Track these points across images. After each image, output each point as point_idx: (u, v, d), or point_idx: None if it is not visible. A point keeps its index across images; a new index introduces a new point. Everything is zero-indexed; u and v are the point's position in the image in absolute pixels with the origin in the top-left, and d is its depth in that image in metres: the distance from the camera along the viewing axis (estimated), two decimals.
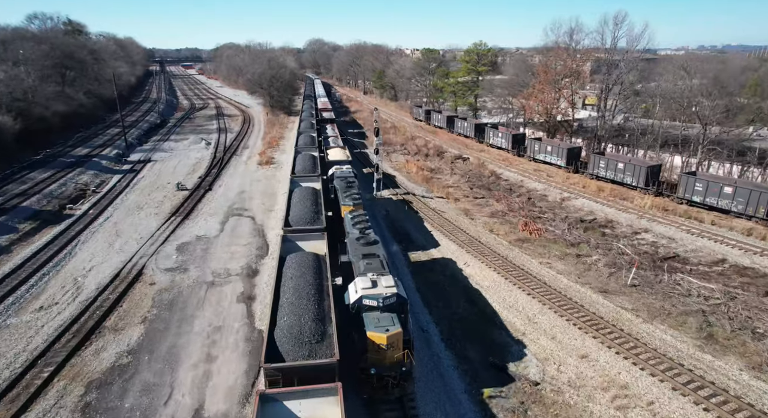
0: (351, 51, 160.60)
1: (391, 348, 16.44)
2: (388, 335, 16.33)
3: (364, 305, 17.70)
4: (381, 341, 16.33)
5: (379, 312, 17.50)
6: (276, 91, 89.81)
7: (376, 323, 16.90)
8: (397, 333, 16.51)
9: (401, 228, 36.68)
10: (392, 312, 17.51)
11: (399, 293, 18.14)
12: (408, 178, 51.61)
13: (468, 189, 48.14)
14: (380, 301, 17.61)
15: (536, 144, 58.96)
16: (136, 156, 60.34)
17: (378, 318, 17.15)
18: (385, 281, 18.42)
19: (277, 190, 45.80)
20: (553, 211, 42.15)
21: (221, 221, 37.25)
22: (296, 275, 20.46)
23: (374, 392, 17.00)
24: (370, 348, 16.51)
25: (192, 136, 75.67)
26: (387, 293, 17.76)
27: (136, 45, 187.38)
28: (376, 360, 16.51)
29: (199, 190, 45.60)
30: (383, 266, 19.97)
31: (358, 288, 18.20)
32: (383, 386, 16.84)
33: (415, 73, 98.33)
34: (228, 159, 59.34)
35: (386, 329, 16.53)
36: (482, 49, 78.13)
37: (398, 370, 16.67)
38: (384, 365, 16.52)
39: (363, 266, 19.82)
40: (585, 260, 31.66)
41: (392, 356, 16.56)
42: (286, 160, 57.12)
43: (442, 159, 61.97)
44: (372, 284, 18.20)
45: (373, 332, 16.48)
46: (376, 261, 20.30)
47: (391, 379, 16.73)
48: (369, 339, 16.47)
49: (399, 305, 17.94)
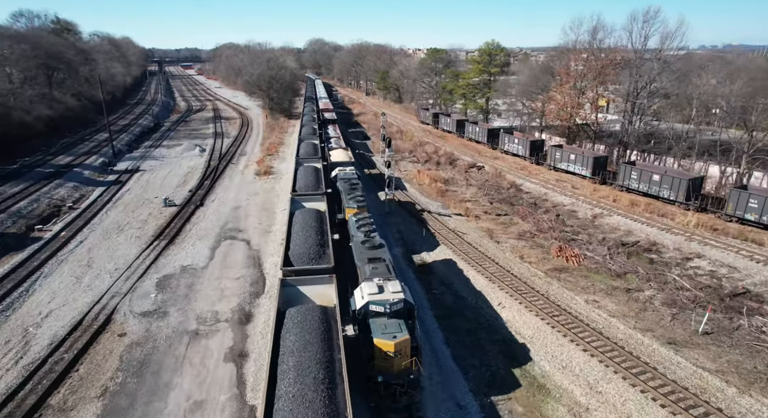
0: (353, 51, 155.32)
1: (398, 355, 16.03)
2: (395, 342, 15.90)
3: (370, 311, 17.20)
4: (388, 348, 15.92)
5: (386, 318, 17.05)
6: (275, 93, 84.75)
7: (383, 329, 16.51)
8: (404, 340, 16.10)
9: (419, 257, 31.59)
10: (399, 318, 17.12)
11: (406, 298, 17.64)
12: (421, 191, 46.49)
13: (488, 204, 43.08)
14: (387, 307, 17.13)
15: (557, 152, 53.89)
16: (124, 165, 55.23)
17: (385, 324, 16.74)
18: (392, 286, 17.94)
19: (276, 205, 40.73)
20: (587, 230, 37.12)
21: (211, 246, 32.18)
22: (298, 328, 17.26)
23: (381, 400, 16.47)
24: (377, 355, 16.11)
25: (186, 141, 70.58)
26: (394, 299, 17.29)
27: (132, 45, 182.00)
28: (383, 368, 16.12)
29: (189, 205, 40.53)
30: (389, 271, 19.49)
31: (364, 293, 17.62)
32: (391, 394, 16.37)
33: (422, 74, 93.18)
34: (223, 168, 54.28)
35: (394, 336, 16.14)
36: (494, 48, 72.99)
37: (406, 378, 16.25)
38: (392, 372, 16.11)
39: (369, 271, 19.30)
40: (637, 296, 26.63)
41: (400, 363, 16.14)
42: (285, 170, 52.07)
43: (455, 168, 56.90)
44: (378, 290, 17.74)
45: (381, 339, 16.08)
46: (382, 265, 19.83)
47: (398, 387, 16.30)
48: (376, 346, 16.07)
49: (406, 311, 17.46)
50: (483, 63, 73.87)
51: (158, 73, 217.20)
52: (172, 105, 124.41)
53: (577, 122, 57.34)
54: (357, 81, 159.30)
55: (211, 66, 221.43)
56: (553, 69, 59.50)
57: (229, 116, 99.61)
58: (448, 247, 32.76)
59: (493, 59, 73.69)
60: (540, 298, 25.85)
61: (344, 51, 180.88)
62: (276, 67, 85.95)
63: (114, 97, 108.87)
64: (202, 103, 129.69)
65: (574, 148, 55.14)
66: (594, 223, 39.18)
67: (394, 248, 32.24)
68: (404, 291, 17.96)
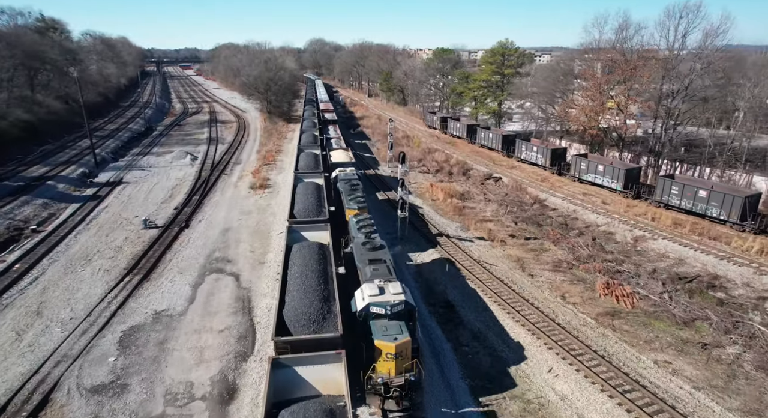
0: (354, 51, 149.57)
1: (399, 357, 15.86)
2: (396, 344, 15.73)
3: (371, 313, 17.01)
4: (389, 349, 15.75)
5: (386, 320, 16.91)
6: (274, 96, 79.20)
7: (384, 331, 16.32)
8: (405, 342, 15.97)
9: (443, 299, 26.11)
10: (400, 320, 16.97)
11: (407, 300, 17.49)
12: (435, 209, 41.02)
13: (512, 225, 37.64)
14: (388, 308, 16.97)
15: (582, 162, 48.44)
16: (106, 176, 49.76)
17: (386, 326, 16.58)
18: (393, 287, 17.81)
19: (271, 227, 35.32)
20: (631, 258, 31.73)
21: (194, 283, 26.76)
22: None
23: (382, 402, 16.05)
24: (377, 357, 15.94)
25: (177, 148, 65.11)
26: (395, 301, 17.16)
27: (128, 44, 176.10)
28: (383, 369, 15.89)
29: (173, 227, 35.11)
30: (390, 272, 19.35)
31: (365, 295, 17.47)
32: (391, 396, 15.95)
33: (428, 75, 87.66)
34: (215, 180, 48.82)
35: (395, 338, 15.97)
36: (508, 48, 67.37)
37: (407, 380, 15.88)
38: (392, 374, 15.83)
39: (369, 272, 19.14)
40: (719, 355, 21.22)
41: (401, 365, 15.95)
42: (283, 183, 46.64)
43: (470, 179, 51.46)
44: (379, 291, 17.60)
45: (382, 341, 15.90)
46: (383, 267, 19.66)
47: (399, 389, 15.90)
48: (377, 348, 15.91)
49: (407, 313, 17.34)
50: (495, 64, 68.29)
51: (157, 73, 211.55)
52: (167, 107, 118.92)
53: (600, 128, 51.80)
54: (359, 82, 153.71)
55: (209, 66, 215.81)
56: (575, 71, 54.01)
57: (225, 120, 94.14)
58: (475, 284, 27.32)
59: (506, 60, 68.16)
60: (598, 359, 20.42)
61: (345, 51, 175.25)
62: (274, 68, 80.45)
63: (107, 99, 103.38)
64: (198, 105, 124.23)
65: (601, 158, 49.69)
66: (636, 248, 33.75)
67: (413, 288, 26.79)
68: (405, 292, 17.77)
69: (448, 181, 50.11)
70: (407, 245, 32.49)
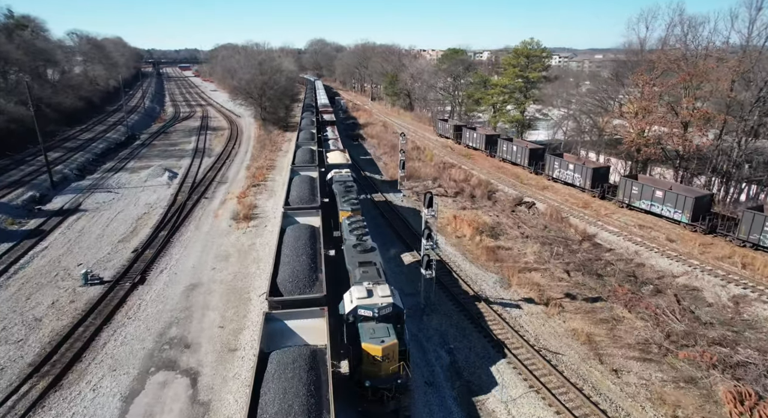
0: (357, 52, 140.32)
1: (386, 360, 15.67)
2: (383, 347, 15.55)
3: (359, 315, 16.79)
4: (376, 352, 15.55)
5: (374, 322, 16.66)
6: (268, 101, 70.23)
7: (372, 334, 16.12)
8: (392, 344, 15.79)
9: None
10: (388, 322, 16.73)
11: (395, 302, 17.17)
12: (463, 251, 32.07)
13: (564, 274, 28.77)
14: (376, 311, 16.71)
15: (634, 185, 39.56)
16: (62, 201, 40.94)
17: (373, 329, 16.36)
18: (381, 290, 17.48)
19: (253, 282, 26.50)
20: (741, 332, 22.89)
21: (127, 392, 17.91)
22: None
23: (369, 405, 15.92)
24: (365, 360, 15.77)
25: (158, 161, 56.38)
26: (383, 303, 16.88)
27: (122, 45, 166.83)
28: (371, 372, 15.75)
29: (123, 283, 26.31)
30: (379, 275, 19.05)
31: (353, 298, 17.24)
32: (378, 398, 15.85)
33: (438, 78, 78.66)
34: (192, 206, 40.02)
35: (381, 341, 15.75)
36: (534, 48, 58.25)
37: (393, 382, 15.84)
38: (379, 377, 15.74)
39: (359, 275, 18.92)
40: None
41: (388, 367, 15.75)
42: (272, 211, 37.82)
43: (496, 203, 42.62)
44: (368, 294, 17.31)
45: (368, 344, 15.72)
46: (373, 269, 19.36)
47: (386, 391, 15.81)
48: (364, 351, 15.70)
49: (395, 316, 17.01)
50: (519, 66, 59.21)
51: (154, 75, 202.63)
52: (157, 111, 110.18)
53: (658, 144, 42.74)
54: (361, 84, 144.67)
55: (207, 68, 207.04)
56: (621, 75, 45.08)
57: (217, 127, 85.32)
58: (537, 391, 18.44)
59: (531, 62, 59.16)
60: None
61: (347, 52, 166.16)
62: (270, 70, 71.48)
63: (90, 104, 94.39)
64: (192, 109, 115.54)
65: (658, 181, 40.80)
66: (741, 315, 24.85)
67: (448, 399, 17.91)
68: (393, 295, 17.46)
69: (471, 207, 41.22)
70: (434, 318, 23.57)
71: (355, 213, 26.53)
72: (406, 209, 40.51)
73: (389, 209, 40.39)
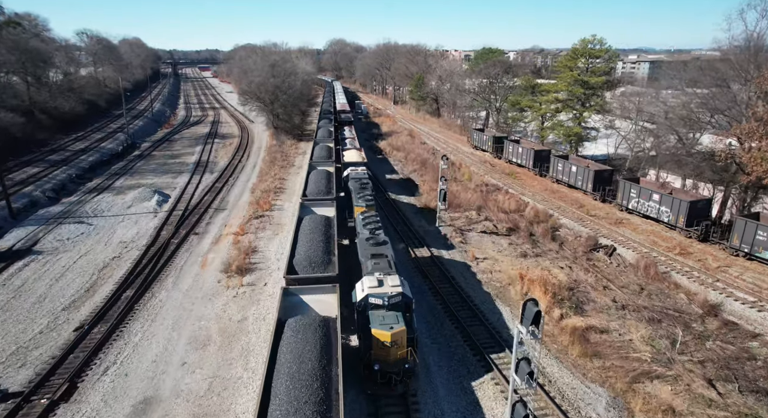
0: (378, 52, 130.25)
1: (395, 345, 16.05)
2: (392, 333, 15.95)
3: (370, 304, 17.21)
4: (385, 338, 15.98)
5: (384, 310, 17.06)
6: (281, 107, 60.94)
7: (381, 321, 16.55)
8: (401, 331, 16.16)
9: None
10: (397, 310, 17.08)
11: (404, 292, 17.56)
12: (557, 355, 21.78)
13: (705, 384, 18.59)
14: (386, 299, 17.16)
15: (760, 230, 28.96)
16: (15, 236, 32.16)
17: (383, 316, 16.78)
18: (391, 280, 17.92)
19: (236, 403, 16.98)
20: None
21: None
22: None
23: (378, 388, 16.50)
24: (374, 345, 16.16)
25: (150, 178, 47.81)
26: (392, 292, 17.30)
27: (137, 45, 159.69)
28: (380, 357, 16.17)
29: (38, 399, 17.08)
30: (390, 266, 19.43)
31: (364, 287, 17.74)
32: (386, 382, 16.39)
33: (472, 81, 68.33)
34: (178, 246, 30.88)
35: (390, 327, 16.16)
36: (596, 48, 47.28)
37: (401, 367, 16.31)
38: (388, 361, 16.19)
39: (371, 266, 19.32)
40: None
41: (396, 353, 16.17)
42: (275, 257, 28.34)
43: (562, 246, 32.52)
44: (378, 283, 17.75)
45: (378, 330, 16.15)
46: (384, 261, 19.71)
47: (394, 375, 16.34)
48: (373, 336, 16.13)
49: (404, 304, 17.37)
50: (578, 70, 48.47)
51: (167, 76, 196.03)
52: (167, 115, 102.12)
53: None
54: (383, 87, 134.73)
55: (225, 68, 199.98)
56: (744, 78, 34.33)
57: (226, 134, 76.64)
58: None
59: (591, 64, 48.47)
60: None
61: (368, 52, 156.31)
62: (283, 73, 62.13)
63: (93, 108, 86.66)
64: (204, 112, 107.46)
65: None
66: None
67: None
68: (403, 285, 17.89)
69: (533, 253, 31.12)
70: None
71: (369, 209, 27.19)
72: (456, 264, 29.68)
73: (433, 265, 29.12)
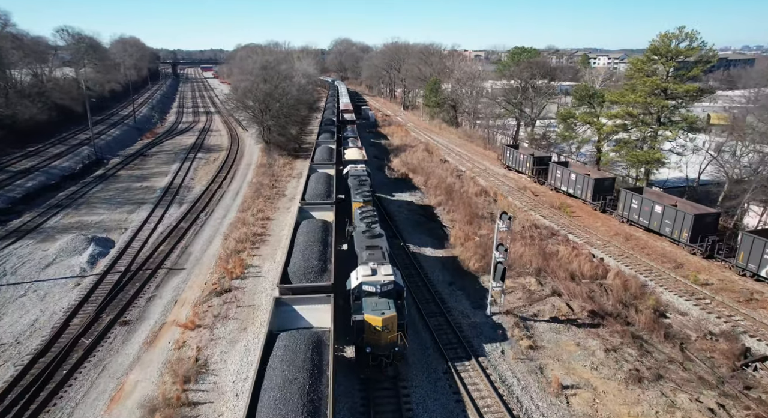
0: (386, 52, 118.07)
1: (386, 330, 16.67)
2: (383, 318, 16.61)
3: (363, 291, 17.79)
4: (377, 323, 16.62)
5: (377, 297, 17.62)
6: (272, 119, 49.11)
7: (373, 307, 17.15)
8: (391, 316, 16.78)
9: None
10: (389, 298, 17.65)
11: (396, 280, 18.19)
12: None
13: None
14: (378, 287, 17.72)
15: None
16: None
17: (375, 302, 17.35)
18: (384, 269, 18.48)
19: None
20: None
21: None
22: None
23: (370, 371, 17.20)
24: (366, 329, 16.73)
25: (99, 214, 36.45)
26: (385, 281, 17.87)
27: (131, 44, 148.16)
28: (371, 340, 16.79)
29: None
30: (384, 257, 19.92)
31: (359, 275, 18.30)
32: (378, 365, 17.06)
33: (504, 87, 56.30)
34: (86, 353, 19.20)
35: (382, 313, 16.80)
36: (684, 46, 34.66)
37: (392, 350, 16.93)
38: (379, 345, 16.81)
39: (366, 256, 19.79)
40: None
41: (387, 337, 16.75)
42: (235, 374, 16.43)
43: (683, 349, 20.46)
44: (372, 272, 18.27)
45: (370, 315, 16.77)
46: (378, 252, 20.23)
47: (384, 358, 16.96)
48: (366, 321, 16.73)
49: (395, 292, 17.94)
50: (658, 74, 36.04)
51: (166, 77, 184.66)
52: (153, 121, 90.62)
53: None
54: (391, 89, 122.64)
55: (226, 69, 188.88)
56: None
57: (213, 146, 65.03)
58: None
59: (679, 67, 35.96)
60: None
61: (375, 52, 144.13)
62: (276, 77, 50.38)
63: (68, 114, 75.04)
64: (195, 117, 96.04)
65: None
66: None
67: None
68: (395, 274, 18.43)
69: (646, 369, 19.13)
70: None
71: (366, 204, 27.39)
72: (534, 405, 17.93)
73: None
